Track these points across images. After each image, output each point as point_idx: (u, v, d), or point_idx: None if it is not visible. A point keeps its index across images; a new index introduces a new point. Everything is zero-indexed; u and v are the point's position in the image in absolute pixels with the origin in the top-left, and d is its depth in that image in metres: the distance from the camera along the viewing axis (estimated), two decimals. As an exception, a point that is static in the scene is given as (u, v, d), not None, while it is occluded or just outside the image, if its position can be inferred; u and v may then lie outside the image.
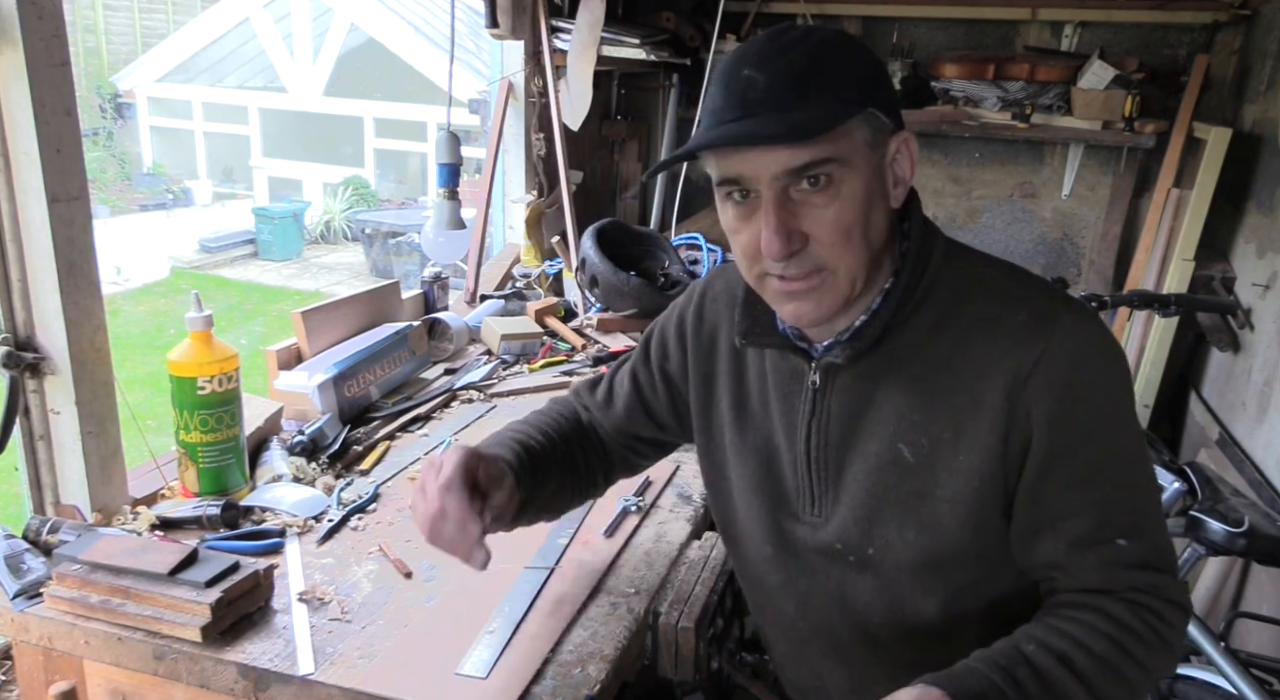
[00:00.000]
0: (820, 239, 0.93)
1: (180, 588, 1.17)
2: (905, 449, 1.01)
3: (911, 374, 1.01)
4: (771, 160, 0.91)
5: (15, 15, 1.23)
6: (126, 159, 12.57)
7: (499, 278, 2.84)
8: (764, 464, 1.14)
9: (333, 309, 2.09)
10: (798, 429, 1.08)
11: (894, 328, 1.00)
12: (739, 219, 0.97)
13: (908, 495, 1.02)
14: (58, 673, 1.24)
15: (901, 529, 1.03)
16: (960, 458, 0.99)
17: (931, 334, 1.00)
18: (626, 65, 3.14)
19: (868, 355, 1.01)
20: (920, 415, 1.00)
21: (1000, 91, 3.13)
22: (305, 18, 12.18)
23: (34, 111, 1.26)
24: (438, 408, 2.01)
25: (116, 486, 1.46)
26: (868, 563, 1.06)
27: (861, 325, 1.02)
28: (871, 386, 1.03)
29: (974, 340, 0.98)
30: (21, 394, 1.37)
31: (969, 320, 0.99)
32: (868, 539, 1.05)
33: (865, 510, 1.05)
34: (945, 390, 0.99)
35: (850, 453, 1.05)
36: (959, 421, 0.98)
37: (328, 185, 11.93)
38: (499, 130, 2.84)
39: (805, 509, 1.11)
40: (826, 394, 1.06)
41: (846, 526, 1.07)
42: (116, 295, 8.19)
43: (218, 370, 1.46)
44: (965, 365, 0.98)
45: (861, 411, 1.04)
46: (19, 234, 1.32)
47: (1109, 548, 0.95)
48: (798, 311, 0.98)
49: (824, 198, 0.92)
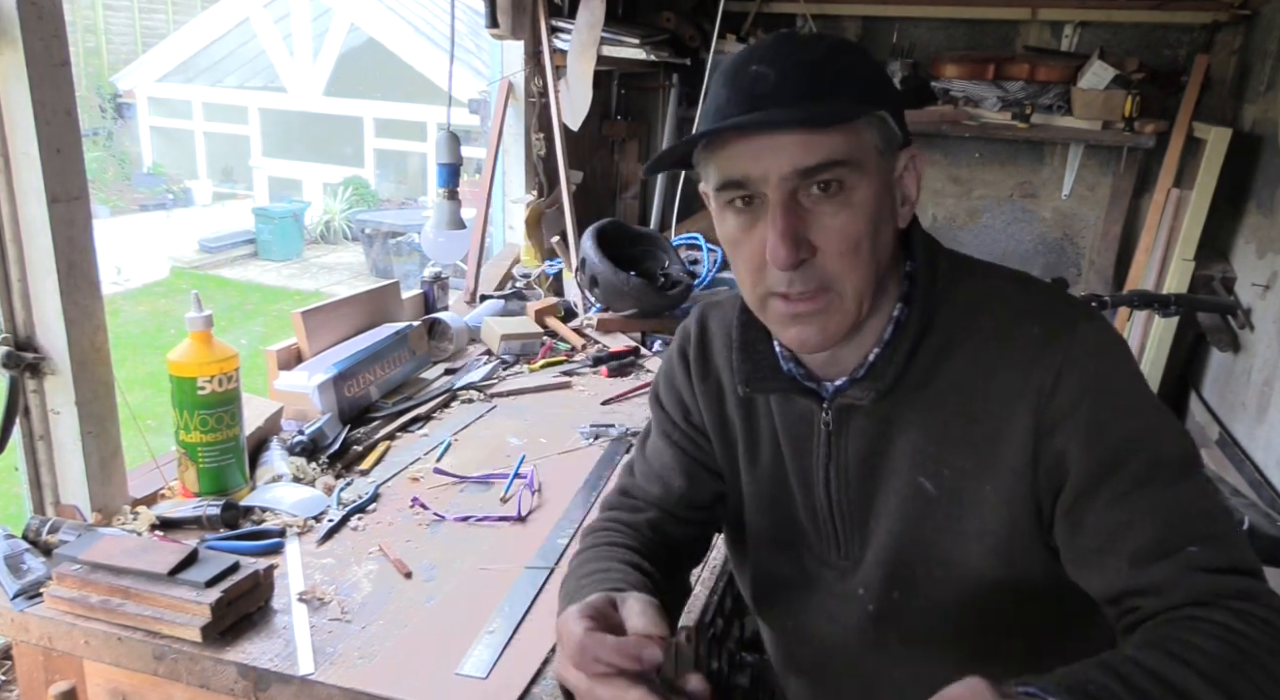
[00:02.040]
0: (828, 251, 0.87)
1: (180, 588, 1.17)
2: (926, 482, 0.95)
3: (924, 403, 0.94)
4: (783, 156, 0.85)
5: (15, 15, 1.23)
6: (126, 159, 12.57)
7: (499, 278, 2.84)
8: (782, 513, 1.07)
9: (333, 309, 2.09)
10: (814, 474, 1.02)
11: (903, 359, 0.94)
12: (741, 228, 0.91)
13: (933, 532, 0.96)
14: (58, 673, 1.24)
15: (929, 568, 0.97)
16: (986, 488, 0.92)
17: (940, 358, 0.94)
18: (626, 65, 3.14)
19: (887, 391, 0.94)
20: (937, 446, 0.94)
21: (1000, 91, 3.13)
22: (305, 18, 12.18)
23: (34, 111, 1.26)
24: (438, 408, 2.01)
25: (116, 486, 1.46)
26: (894, 607, 1.00)
27: (878, 359, 0.96)
28: (886, 422, 0.96)
29: (987, 360, 0.92)
30: (21, 394, 1.37)
31: (979, 340, 0.93)
32: (892, 582, 0.99)
33: (889, 552, 0.99)
34: (962, 416, 0.93)
35: (874, 495, 0.99)
36: (981, 448, 0.92)
37: (328, 185, 11.93)
38: (499, 130, 2.84)
39: (831, 554, 1.05)
40: (842, 436, 0.99)
41: (869, 571, 1.01)
42: (116, 295, 8.19)
43: (218, 370, 1.46)
44: (980, 387, 0.92)
45: (880, 449, 0.97)
46: (19, 234, 1.32)
47: (1180, 556, 0.82)
48: (802, 335, 0.91)
49: (834, 205, 0.87)
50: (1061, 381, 0.88)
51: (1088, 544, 0.87)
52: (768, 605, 1.14)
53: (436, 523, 1.50)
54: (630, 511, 1.12)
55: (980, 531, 0.93)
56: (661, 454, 1.15)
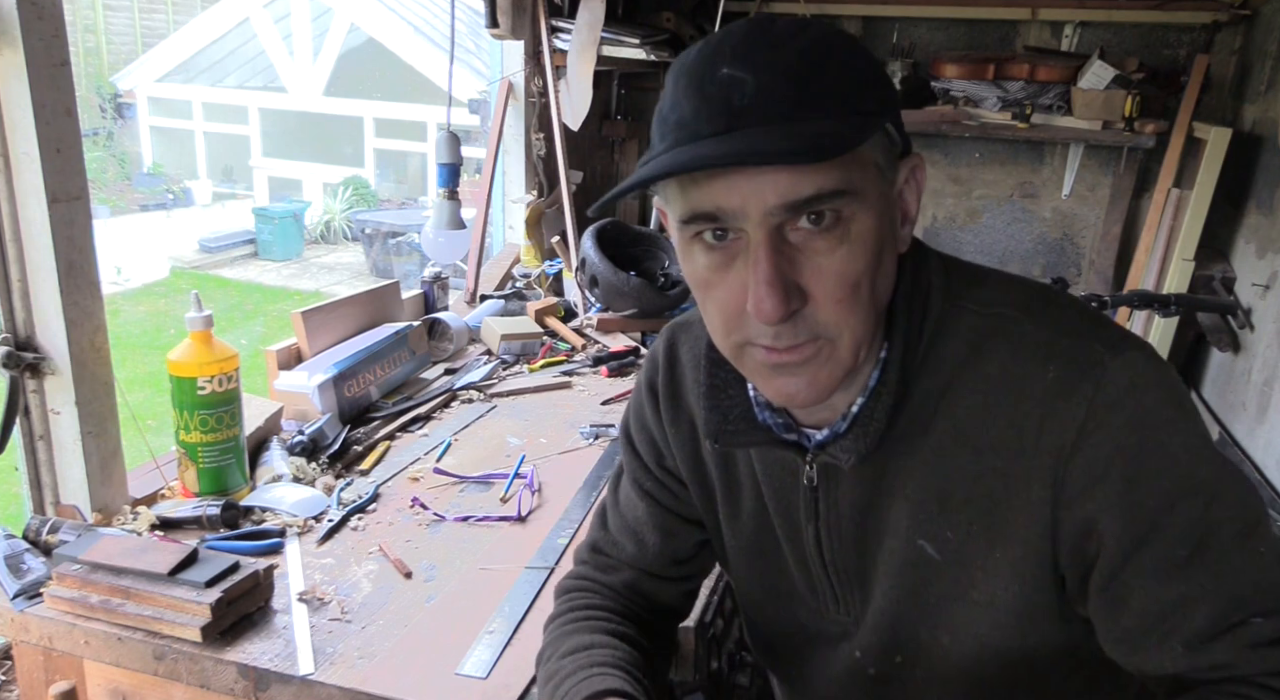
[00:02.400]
0: (822, 297, 0.72)
1: (180, 588, 1.17)
2: (928, 546, 0.83)
3: (925, 453, 0.81)
4: (767, 188, 0.69)
5: (15, 15, 1.23)
6: (126, 159, 12.57)
7: (499, 278, 2.84)
8: (771, 564, 0.96)
9: (333, 309, 2.09)
10: (802, 531, 0.91)
11: (898, 405, 0.81)
12: (713, 268, 0.74)
13: (937, 598, 0.84)
14: (58, 673, 1.24)
15: (934, 636, 0.86)
16: (996, 554, 0.80)
17: (941, 402, 0.80)
18: (626, 65, 3.14)
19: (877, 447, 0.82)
20: (939, 506, 0.81)
21: (1000, 91, 3.13)
22: (305, 18, 12.18)
23: (34, 111, 1.26)
24: (438, 408, 2.01)
25: (116, 486, 1.46)
26: (896, 672, 0.90)
27: (861, 411, 0.82)
28: (881, 475, 0.84)
29: (996, 409, 0.78)
30: (21, 394, 1.37)
31: (987, 383, 0.78)
32: (894, 647, 0.89)
33: (888, 617, 0.88)
34: (967, 473, 0.80)
35: (872, 555, 0.87)
36: (990, 510, 0.79)
37: (328, 185, 11.93)
38: (499, 130, 2.84)
39: (829, 608, 0.94)
40: (831, 493, 0.87)
41: (868, 635, 0.90)
42: (116, 295, 8.19)
43: (218, 370, 1.46)
44: (990, 442, 0.78)
45: (875, 508, 0.85)
46: (19, 234, 1.32)
47: (1243, 631, 0.71)
48: (787, 390, 0.77)
49: (829, 241, 0.71)
50: (1085, 440, 0.74)
51: (1133, 625, 0.75)
52: (768, 653, 1.06)
53: (436, 523, 1.50)
54: (604, 571, 1.04)
55: (989, 601, 0.82)
56: (634, 506, 1.03)
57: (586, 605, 0.99)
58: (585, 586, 1.02)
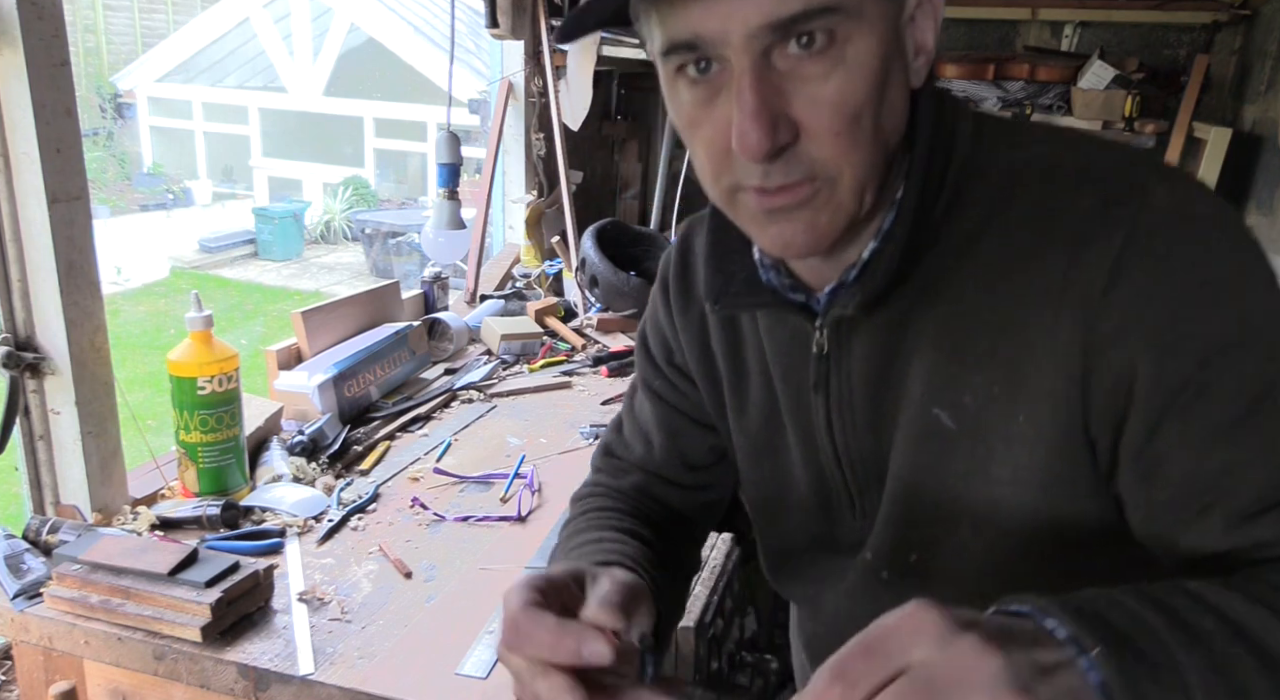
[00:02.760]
0: (816, 128, 0.64)
1: (180, 588, 1.17)
2: (944, 415, 0.73)
3: (943, 311, 0.72)
4: (749, 7, 0.61)
5: (15, 15, 1.23)
6: (126, 159, 12.58)
7: (499, 278, 2.84)
8: (779, 467, 0.88)
9: (333, 309, 2.09)
10: (813, 413, 0.82)
11: (916, 251, 0.72)
12: (698, 104, 0.67)
13: (953, 478, 0.75)
14: (58, 673, 1.24)
15: (952, 521, 0.76)
16: (1020, 419, 0.70)
17: (966, 250, 0.71)
18: (626, 65, 3.14)
19: (889, 297, 0.73)
20: (958, 366, 0.72)
21: (1000, 91, 3.13)
22: (305, 18, 12.19)
23: (34, 111, 1.26)
24: (438, 408, 2.01)
25: (116, 486, 1.46)
26: (912, 573, 0.81)
27: (872, 257, 0.73)
28: (897, 338, 0.75)
29: (1025, 250, 0.68)
30: (21, 394, 1.37)
31: (1017, 224, 0.69)
32: (908, 543, 0.80)
33: (900, 506, 0.79)
34: (989, 326, 0.70)
35: (883, 428, 0.78)
36: (1014, 368, 0.69)
37: (327, 185, 11.94)
38: (499, 130, 2.84)
39: (843, 514, 0.85)
40: (842, 361, 0.78)
41: (879, 531, 0.82)
42: (116, 295, 8.20)
43: (218, 370, 1.46)
44: (1016, 288, 0.68)
45: (889, 375, 0.76)
46: (19, 234, 1.32)
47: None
48: (784, 237, 0.69)
49: (823, 65, 0.63)
50: (1123, 271, 0.64)
51: (1166, 497, 0.65)
52: (779, 575, 0.97)
53: (436, 523, 1.50)
54: (615, 475, 0.98)
55: (1012, 476, 0.72)
56: (644, 408, 0.98)
57: (598, 508, 0.93)
58: (597, 492, 0.97)
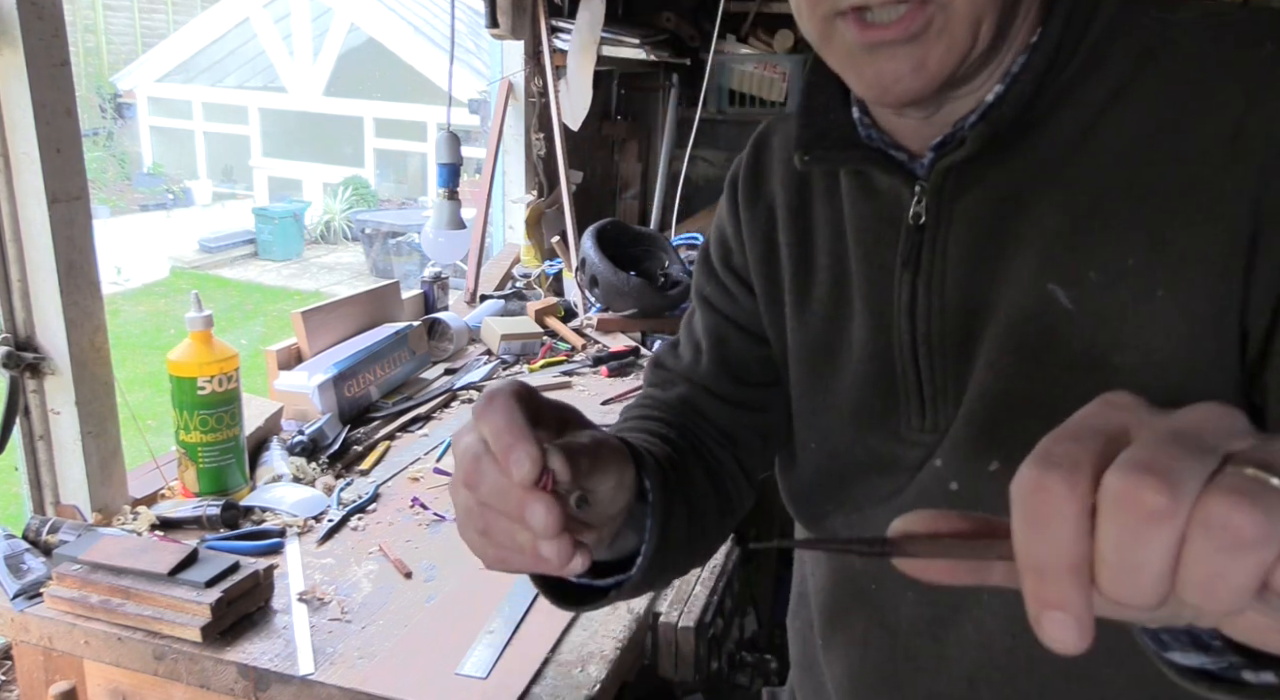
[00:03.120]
0: None
1: (180, 588, 1.17)
2: (1060, 292, 0.63)
3: (1071, 172, 0.63)
4: None
5: (15, 15, 1.23)
6: (126, 159, 12.58)
7: (499, 278, 2.84)
8: (839, 368, 0.77)
9: (333, 309, 2.09)
10: (894, 295, 0.71)
11: (1044, 107, 0.64)
12: None
13: (1063, 367, 0.63)
14: (58, 673, 1.24)
15: (1051, 418, 0.61)
16: (1159, 295, 0.60)
17: (1104, 112, 0.63)
18: (626, 65, 3.14)
19: (1009, 152, 0.64)
20: (1084, 236, 0.62)
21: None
22: (305, 18, 12.20)
23: (34, 111, 1.26)
24: (438, 408, 2.01)
25: (116, 486, 1.46)
26: (990, 484, 0.67)
27: (998, 98, 0.64)
28: (1010, 200, 0.65)
29: (1180, 100, 0.60)
30: (21, 394, 1.37)
31: (1170, 76, 0.61)
32: (993, 443, 0.66)
33: (987, 402, 0.66)
34: (1129, 189, 0.61)
35: (978, 312, 0.67)
36: (1157, 233, 0.60)
37: (327, 185, 11.95)
38: (499, 130, 2.84)
39: (911, 421, 0.72)
40: (941, 230, 0.68)
41: (958, 431, 0.69)
42: (116, 295, 8.20)
43: (218, 370, 1.46)
44: (1173, 144, 0.60)
45: (996, 244, 0.66)
46: (19, 234, 1.32)
47: None
48: (885, 78, 0.61)
49: None
50: None
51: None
52: (812, 503, 0.85)
53: (436, 523, 1.50)
54: (662, 387, 0.89)
55: (1139, 364, 0.61)
56: (695, 318, 0.90)
57: (642, 416, 0.85)
58: (643, 403, 0.89)
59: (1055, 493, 0.34)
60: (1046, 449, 0.35)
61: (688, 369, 0.87)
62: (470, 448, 0.54)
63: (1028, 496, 0.35)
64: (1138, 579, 0.32)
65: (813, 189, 0.79)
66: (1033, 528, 0.34)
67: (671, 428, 0.81)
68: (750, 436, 0.85)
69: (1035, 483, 0.34)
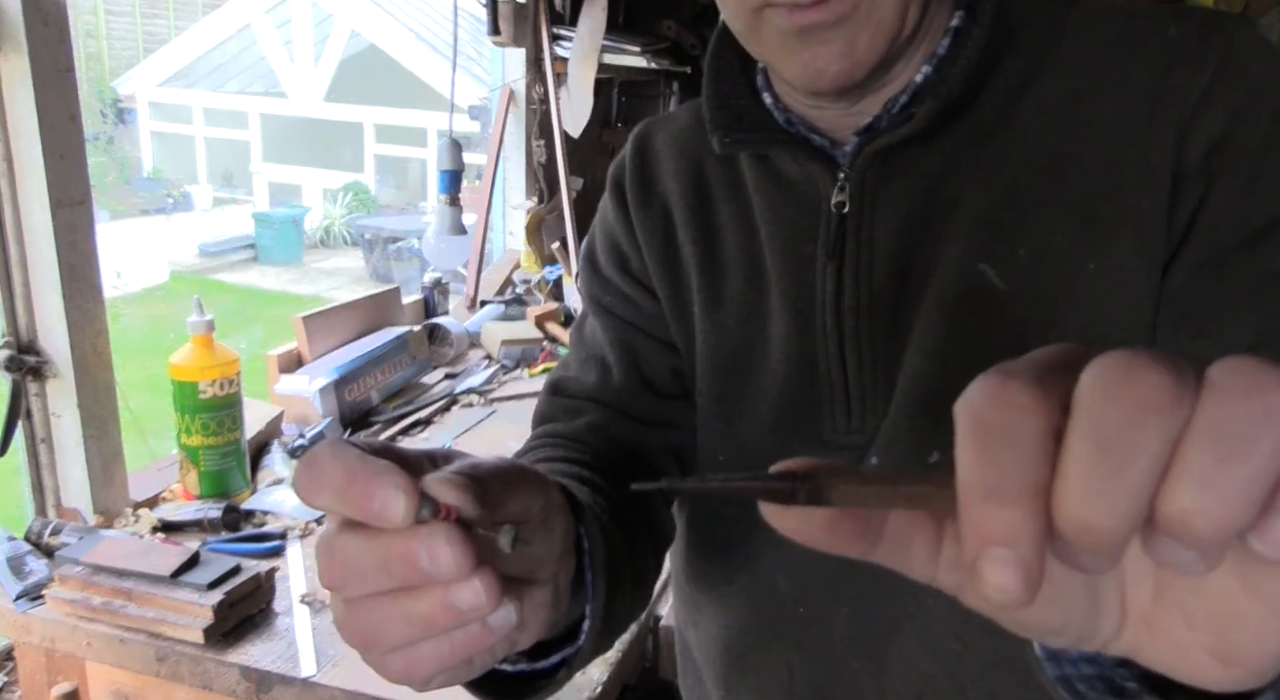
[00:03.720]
0: None
1: (182, 590, 1.17)
2: (989, 271, 0.62)
3: (993, 155, 0.63)
4: None
5: (20, 21, 1.24)
6: (127, 164, 12.60)
7: (499, 283, 2.85)
8: (756, 371, 0.72)
9: (333, 314, 2.10)
10: (816, 289, 0.68)
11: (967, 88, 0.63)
12: None
13: (995, 350, 0.54)
14: (60, 674, 1.25)
15: None
16: (1090, 268, 0.60)
17: (1021, 91, 0.63)
18: (627, 73, 3.16)
19: (934, 135, 0.64)
20: (1010, 214, 0.62)
21: None
22: (306, 24, 12.23)
23: (38, 117, 1.27)
24: (438, 412, 2.01)
25: (118, 489, 1.46)
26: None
27: (927, 81, 0.64)
28: (935, 189, 0.64)
29: (1101, 77, 0.62)
30: (23, 397, 1.37)
31: (1090, 54, 0.63)
32: (930, 435, 0.64)
33: (923, 390, 0.64)
34: (1052, 164, 0.62)
35: (907, 297, 0.65)
36: (1083, 207, 0.61)
37: (328, 190, 11.96)
38: (500, 137, 2.85)
39: (836, 424, 0.68)
40: (865, 220, 0.66)
41: (891, 426, 0.66)
42: (116, 299, 8.20)
43: (219, 374, 1.47)
44: (1083, 115, 0.62)
45: (923, 232, 0.65)
46: (22, 238, 1.33)
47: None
48: (816, 63, 0.60)
49: None
50: (1215, 90, 0.58)
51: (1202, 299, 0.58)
52: (716, 526, 0.76)
53: (437, 526, 1.51)
54: (566, 417, 0.78)
55: (1076, 340, 0.56)
56: (593, 331, 0.81)
57: (543, 457, 0.72)
58: (539, 443, 0.75)
59: (1018, 404, 0.28)
60: (1003, 366, 0.30)
61: (594, 389, 0.78)
62: (323, 538, 0.41)
63: (983, 408, 0.29)
64: (1116, 488, 0.26)
65: (711, 184, 0.75)
66: (987, 446, 0.28)
67: (584, 458, 0.70)
68: (667, 459, 0.77)
69: (995, 392, 0.29)
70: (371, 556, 0.39)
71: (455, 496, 0.39)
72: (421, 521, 0.38)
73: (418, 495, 0.38)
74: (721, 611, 0.77)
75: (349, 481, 0.38)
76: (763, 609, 0.74)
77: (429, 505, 0.38)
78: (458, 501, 0.39)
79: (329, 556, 0.41)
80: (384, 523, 0.38)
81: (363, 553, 0.39)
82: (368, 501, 0.38)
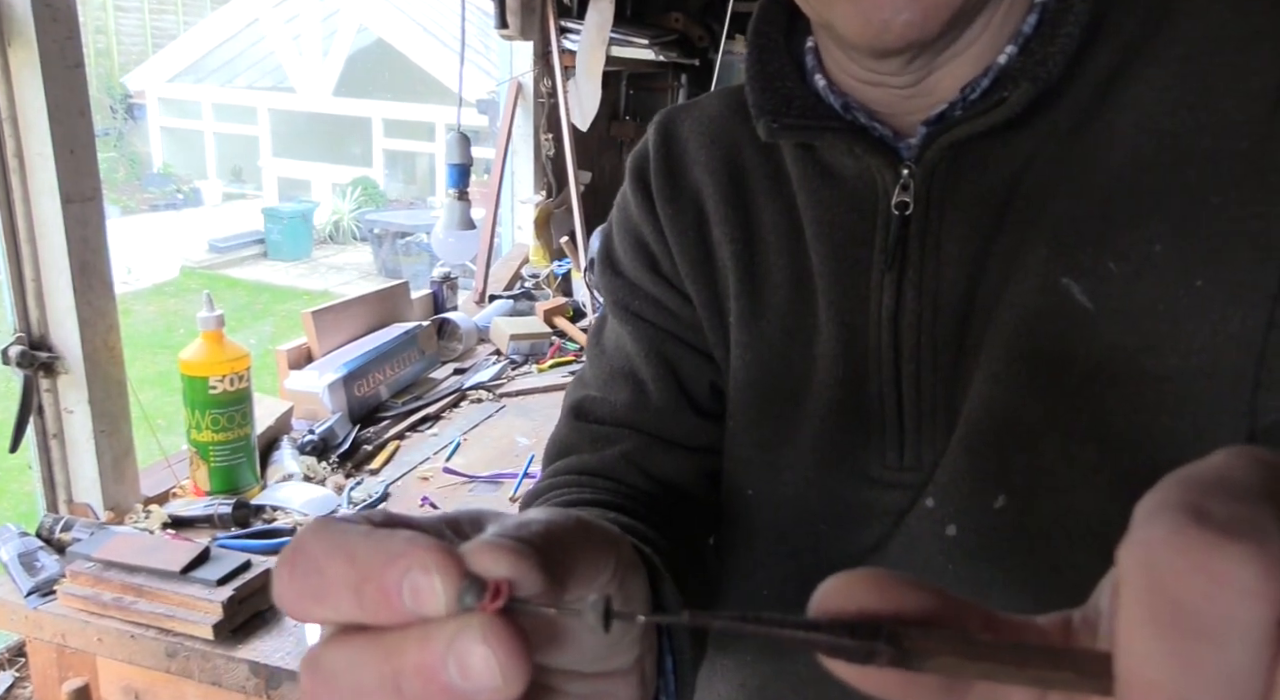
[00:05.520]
0: None
1: (192, 586, 1.18)
2: (1074, 286, 0.53)
3: (1082, 150, 0.54)
4: None
5: (30, 18, 1.24)
6: (137, 159, 12.64)
7: (508, 278, 2.84)
8: (799, 391, 0.62)
9: (342, 309, 2.10)
10: (871, 302, 0.59)
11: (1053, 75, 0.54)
12: None
13: (1082, 379, 0.52)
14: (71, 669, 1.25)
15: (1065, 449, 0.53)
16: (1197, 284, 0.50)
17: (1114, 81, 0.54)
18: (635, 66, 3.15)
19: (1014, 128, 0.54)
20: (1101, 221, 0.53)
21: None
22: (314, 18, 12.23)
23: (49, 113, 1.27)
24: (447, 407, 2.01)
25: (129, 485, 1.47)
26: (997, 524, 0.55)
27: (1011, 62, 0.54)
28: (1012, 190, 0.55)
29: (1202, 70, 0.52)
30: (35, 393, 1.38)
31: (1191, 37, 0.53)
32: (999, 476, 0.54)
33: (995, 422, 0.54)
34: (1149, 164, 0.52)
35: (980, 325, 0.56)
36: (1189, 212, 0.51)
37: (336, 185, 11.97)
38: (508, 131, 2.85)
39: (886, 459, 0.60)
40: (930, 224, 0.57)
41: (952, 463, 0.56)
42: (127, 295, 8.23)
43: (229, 370, 1.47)
44: (1189, 112, 0.52)
45: (998, 240, 0.56)
46: (33, 234, 1.33)
47: None
48: (882, 13, 0.49)
49: None
50: None
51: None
52: (754, 568, 0.67)
53: (446, 522, 1.51)
54: (591, 448, 0.67)
55: (1176, 369, 0.50)
56: (620, 341, 0.70)
57: (570, 502, 0.61)
58: (567, 482, 0.65)
59: (1237, 584, 0.19)
60: (1192, 503, 0.21)
61: (627, 411, 0.67)
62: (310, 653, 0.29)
63: (1178, 578, 0.20)
64: None
65: (749, 176, 0.66)
66: (1183, 638, 0.19)
67: (620, 502, 0.61)
68: (708, 488, 0.68)
69: (1197, 556, 0.20)
70: (374, 670, 0.27)
71: (510, 566, 0.27)
72: (466, 609, 0.26)
73: (459, 572, 0.26)
74: (736, 669, 0.69)
75: (360, 573, 0.27)
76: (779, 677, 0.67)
77: (473, 587, 0.26)
78: (514, 573, 0.27)
79: (313, 675, 0.29)
80: (416, 617, 0.27)
81: (363, 665, 0.28)
82: (392, 596, 0.26)
